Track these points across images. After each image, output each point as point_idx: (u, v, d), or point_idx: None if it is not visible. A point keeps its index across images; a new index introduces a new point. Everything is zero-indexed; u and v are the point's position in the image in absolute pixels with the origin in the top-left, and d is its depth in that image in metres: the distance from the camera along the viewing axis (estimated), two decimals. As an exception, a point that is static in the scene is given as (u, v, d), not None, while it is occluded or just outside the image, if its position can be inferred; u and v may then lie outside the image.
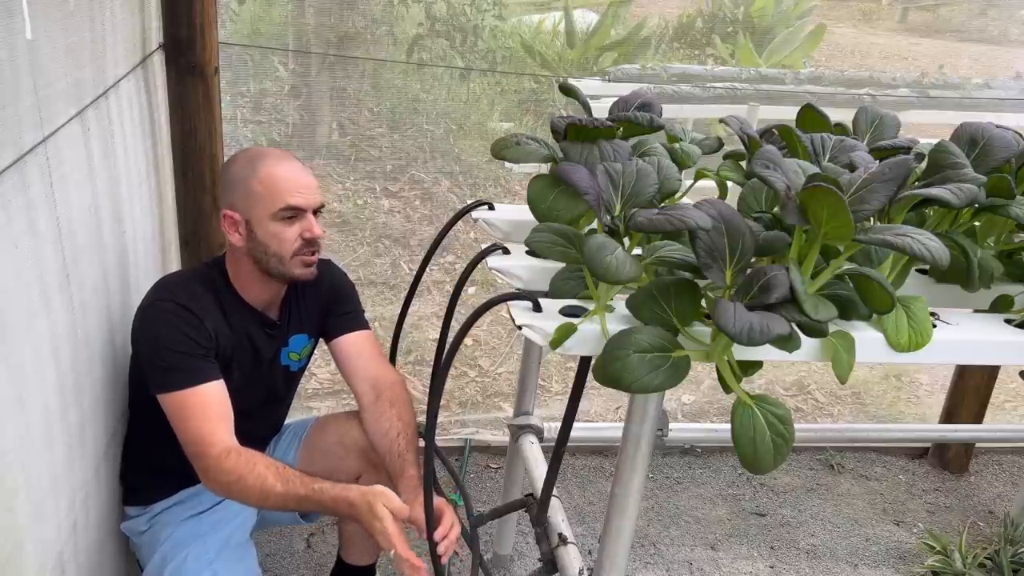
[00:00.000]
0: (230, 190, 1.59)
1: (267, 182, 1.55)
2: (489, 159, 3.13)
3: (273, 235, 1.56)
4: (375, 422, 1.69)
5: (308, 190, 1.58)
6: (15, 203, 1.13)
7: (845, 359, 1.18)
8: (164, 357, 1.51)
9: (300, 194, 1.56)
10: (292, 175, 1.57)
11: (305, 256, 1.59)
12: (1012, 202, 1.37)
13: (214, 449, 1.48)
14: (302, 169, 1.60)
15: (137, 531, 1.67)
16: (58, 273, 1.31)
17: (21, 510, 1.18)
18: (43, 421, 1.25)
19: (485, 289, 3.11)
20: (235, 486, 1.47)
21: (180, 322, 1.53)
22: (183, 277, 1.66)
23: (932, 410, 3.09)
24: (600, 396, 3.05)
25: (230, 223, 1.58)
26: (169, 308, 1.54)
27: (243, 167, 1.58)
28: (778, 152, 1.30)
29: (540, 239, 1.30)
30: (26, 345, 1.18)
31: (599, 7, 3.95)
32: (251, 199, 1.56)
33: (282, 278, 1.61)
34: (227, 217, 1.58)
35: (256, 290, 1.64)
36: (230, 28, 2.65)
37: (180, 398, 1.50)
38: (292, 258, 1.58)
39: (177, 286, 1.59)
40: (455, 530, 1.54)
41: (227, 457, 1.47)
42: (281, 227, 1.56)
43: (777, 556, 2.42)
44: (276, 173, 1.56)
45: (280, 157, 1.60)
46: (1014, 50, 3.40)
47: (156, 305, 1.55)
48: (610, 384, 1.11)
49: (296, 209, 1.56)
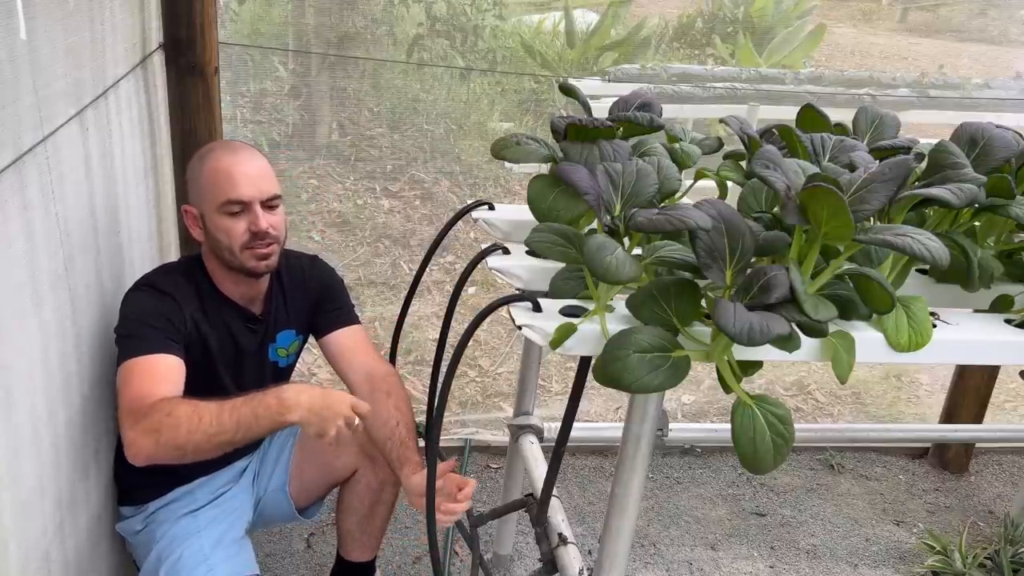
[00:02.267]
0: (189, 186, 1.61)
1: (211, 176, 1.54)
2: (489, 159, 3.13)
3: (221, 229, 1.55)
4: (373, 412, 1.68)
5: (252, 181, 1.54)
6: (12, 203, 1.13)
7: (845, 359, 1.18)
8: (128, 327, 1.50)
9: (243, 187, 1.53)
10: (235, 168, 1.54)
11: (256, 249, 1.56)
12: (1012, 202, 1.37)
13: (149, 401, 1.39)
14: (250, 160, 1.56)
15: (132, 531, 1.67)
16: (51, 273, 1.30)
17: (5, 509, 1.17)
18: (29, 420, 1.25)
19: (485, 289, 3.11)
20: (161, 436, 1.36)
21: (156, 302, 1.53)
22: (166, 268, 1.67)
23: (932, 410, 3.09)
24: (600, 396, 3.05)
25: (190, 219, 1.60)
26: (148, 292, 1.55)
27: (196, 162, 1.59)
28: (778, 152, 1.29)
29: (540, 239, 1.30)
30: (14, 344, 1.17)
31: (599, 7, 3.95)
32: (200, 194, 1.56)
33: (242, 271, 1.60)
34: (187, 212, 1.60)
35: (229, 284, 1.64)
36: (230, 28, 2.66)
37: (131, 365, 1.45)
38: (242, 251, 1.56)
39: (159, 275, 1.61)
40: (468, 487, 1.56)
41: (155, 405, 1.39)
42: (228, 221, 1.54)
43: (777, 556, 2.41)
44: (218, 167, 1.54)
45: (229, 149, 1.58)
46: (1014, 50, 3.40)
47: (132, 292, 1.57)
48: (610, 384, 1.11)
49: (239, 203, 1.53)
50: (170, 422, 1.36)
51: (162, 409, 1.38)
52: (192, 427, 1.37)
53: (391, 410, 1.66)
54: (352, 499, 1.82)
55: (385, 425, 1.65)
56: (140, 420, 1.38)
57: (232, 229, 1.54)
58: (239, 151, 1.58)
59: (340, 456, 1.76)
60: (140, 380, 1.44)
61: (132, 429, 1.38)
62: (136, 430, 1.38)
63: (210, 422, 1.37)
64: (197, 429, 1.37)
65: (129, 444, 1.39)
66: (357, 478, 1.79)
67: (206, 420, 1.37)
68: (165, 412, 1.38)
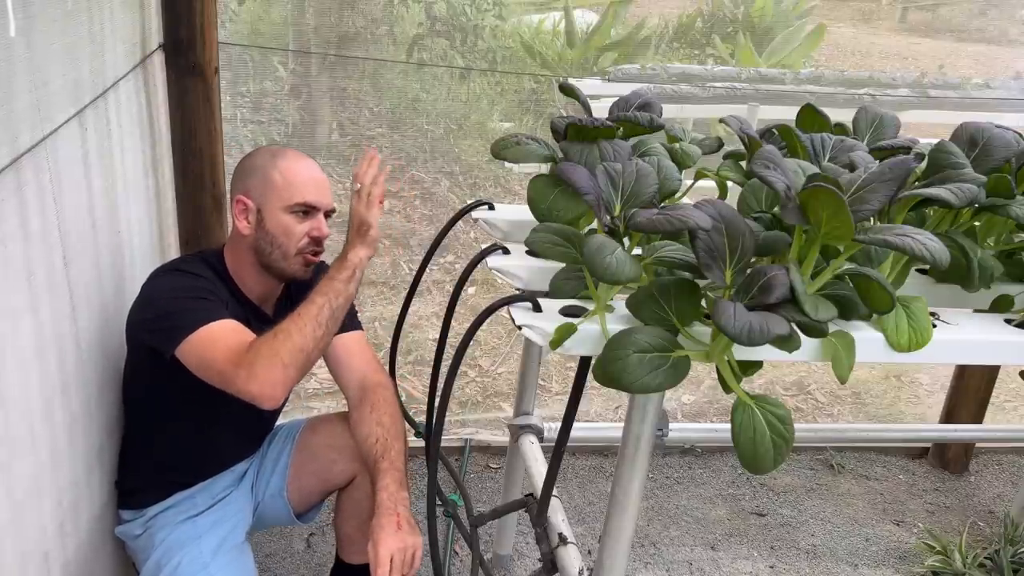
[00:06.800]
0: (248, 176, 1.60)
1: (287, 175, 1.57)
2: (489, 159, 3.13)
3: (283, 227, 1.57)
4: (356, 426, 1.67)
5: (325, 191, 1.61)
6: (9, 204, 1.13)
7: (845, 359, 1.18)
8: (178, 308, 1.48)
9: (317, 192, 1.59)
10: (312, 173, 1.61)
11: (308, 255, 1.61)
12: (1012, 202, 1.37)
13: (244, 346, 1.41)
14: (319, 171, 1.63)
15: (132, 535, 1.66)
16: (48, 273, 1.30)
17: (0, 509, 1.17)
18: (25, 421, 1.24)
19: (485, 289, 3.11)
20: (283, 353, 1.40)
21: (192, 281, 1.54)
22: (187, 257, 1.69)
23: (932, 410, 3.09)
24: (600, 396, 3.05)
25: (241, 209, 1.60)
26: (176, 275, 1.56)
27: (265, 157, 1.61)
28: (778, 152, 1.29)
29: (540, 239, 1.30)
30: (8, 345, 1.17)
31: (599, 7, 3.94)
32: (268, 188, 1.57)
33: (280, 274, 1.62)
34: (239, 202, 1.60)
35: (252, 282, 1.64)
36: (230, 28, 2.65)
37: (202, 334, 1.44)
38: (296, 255, 1.59)
39: (182, 261, 1.63)
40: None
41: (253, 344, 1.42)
42: (292, 221, 1.58)
43: (777, 556, 2.41)
44: (297, 168, 1.59)
45: (302, 156, 1.64)
46: (1014, 50, 3.40)
47: (160, 277, 1.56)
48: (610, 384, 1.11)
49: (310, 206, 1.58)
50: (280, 339, 1.40)
51: (264, 340, 1.41)
52: (301, 329, 1.41)
53: (372, 426, 1.63)
54: (350, 504, 1.81)
55: (365, 442, 1.63)
56: (254, 361, 1.39)
57: (295, 230, 1.58)
58: (308, 159, 1.63)
59: (338, 462, 1.76)
60: (225, 340, 1.44)
61: (250, 373, 1.39)
62: (255, 369, 1.39)
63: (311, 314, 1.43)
64: (305, 327, 1.42)
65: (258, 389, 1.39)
66: (356, 484, 1.78)
67: (304, 317, 1.43)
68: (271, 337, 1.41)
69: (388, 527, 1.47)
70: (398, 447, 1.61)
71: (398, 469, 1.58)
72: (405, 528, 1.49)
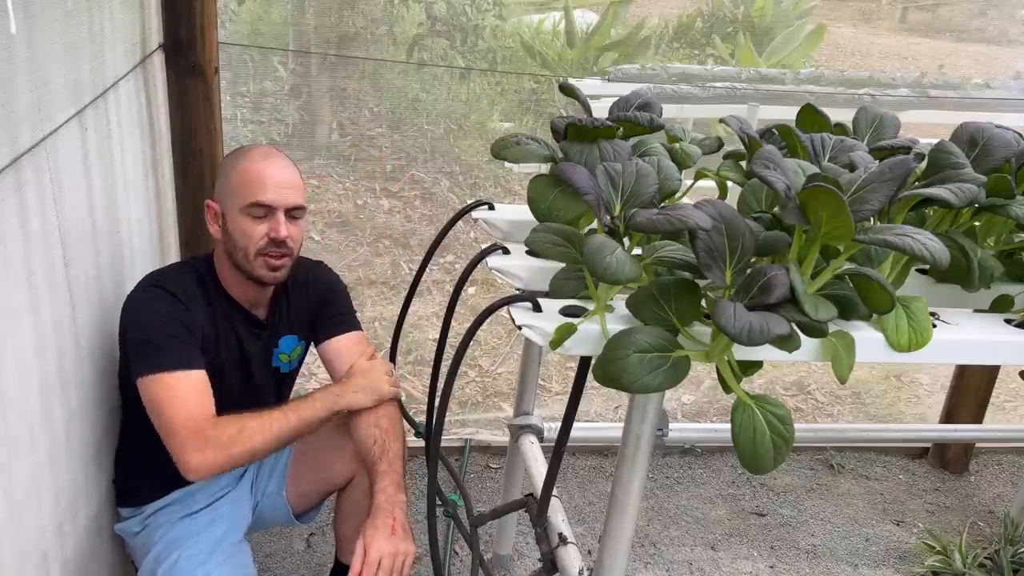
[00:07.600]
0: (217, 178, 1.61)
1: (243, 176, 1.55)
2: (489, 159, 3.13)
3: (241, 230, 1.55)
4: (354, 428, 1.66)
5: (281, 189, 1.55)
6: (9, 204, 1.13)
7: (845, 359, 1.18)
8: (147, 335, 1.49)
9: (271, 192, 1.54)
10: (268, 172, 1.55)
11: (269, 258, 1.56)
12: (1012, 202, 1.37)
13: (207, 421, 1.46)
14: (283, 168, 1.58)
15: (131, 532, 1.66)
16: (47, 273, 1.30)
17: (-2, 509, 1.17)
18: (25, 421, 1.24)
19: (485, 289, 3.11)
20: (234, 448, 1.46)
21: (168, 306, 1.52)
22: (172, 269, 1.66)
23: (932, 410, 3.09)
24: (600, 396, 3.05)
25: (211, 214, 1.60)
26: (157, 294, 1.54)
27: (231, 158, 1.60)
28: (778, 152, 1.29)
29: (540, 239, 1.30)
30: (8, 344, 1.17)
31: (599, 7, 3.95)
32: (227, 190, 1.56)
33: (249, 277, 1.59)
34: (208, 207, 1.60)
35: (238, 287, 1.63)
36: (230, 28, 2.65)
37: (167, 380, 1.46)
38: (256, 257, 1.56)
39: (165, 276, 1.60)
40: None
41: (216, 424, 1.47)
42: (249, 223, 1.54)
43: (777, 556, 2.41)
44: (252, 168, 1.55)
45: (265, 154, 1.58)
46: (1014, 50, 3.40)
47: (144, 291, 1.55)
48: (610, 384, 1.11)
49: (264, 207, 1.54)
50: (243, 436, 1.47)
51: (230, 425, 1.47)
52: (265, 433, 1.49)
53: (370, 428, 1.64)
54: (349, 505, 1.80)
55: (363, 444, 1.64)
56: (207, 440, 1.44)
57: (252, 232, 1.54)
58: (273, 157, 1.59)
59: (337, 462, 1.75)
60: (185, 399, 1.46)
61: (198, 449, 1.43)
62: (205, 450, 1.44)
63: (281, 424, 1.51)
64: (268, 431, 1.50)
65: (197, 463, 1.44)
66: (355, 484, 1.77)
67: (276, 426, 1.51)
68: (236, 427, 1.47)
69: (382, 529, 1.47)
70: (396, 449, 1.61)
71: (396, 471, 1.57)
72: (399, 534, 1.48)
